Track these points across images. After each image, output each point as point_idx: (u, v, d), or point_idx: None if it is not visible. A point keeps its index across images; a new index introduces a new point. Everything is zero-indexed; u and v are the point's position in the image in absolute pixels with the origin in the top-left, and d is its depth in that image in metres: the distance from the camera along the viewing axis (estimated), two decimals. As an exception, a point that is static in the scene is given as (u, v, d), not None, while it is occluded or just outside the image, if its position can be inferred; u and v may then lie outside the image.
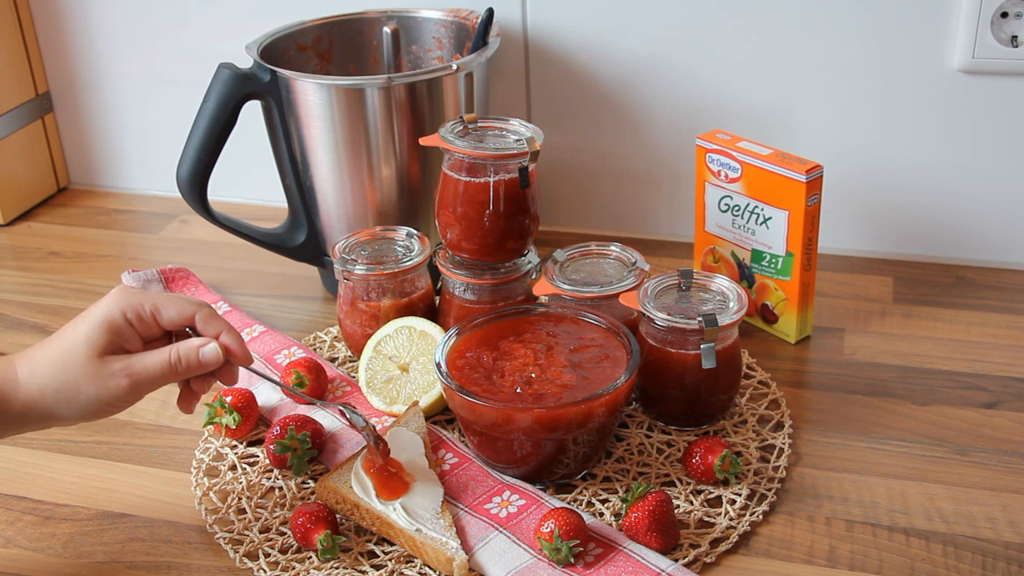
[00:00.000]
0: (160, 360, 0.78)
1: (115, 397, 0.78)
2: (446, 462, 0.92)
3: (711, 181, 1.09)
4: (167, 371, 0.78)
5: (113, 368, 0.77)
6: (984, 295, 1.16)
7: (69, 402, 0.77)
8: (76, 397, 0.77)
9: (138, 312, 0.79)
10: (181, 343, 0.80)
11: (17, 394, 0.77)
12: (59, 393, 0.77)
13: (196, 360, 0.79)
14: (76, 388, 0.77)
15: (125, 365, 0.78)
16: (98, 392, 0.77)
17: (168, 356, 0.78)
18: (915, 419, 0.97)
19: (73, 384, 0.77)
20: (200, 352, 0.79)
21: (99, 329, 0.77)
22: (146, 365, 0.78)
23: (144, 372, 0.78)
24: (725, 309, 0.94)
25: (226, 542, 0.86)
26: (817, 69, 1.18)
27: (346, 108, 1.07)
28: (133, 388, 0.78)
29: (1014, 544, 0.83)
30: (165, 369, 0.78)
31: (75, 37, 1.40)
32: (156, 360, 0.78)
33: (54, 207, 1.46)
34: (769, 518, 0.87)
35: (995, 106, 1.15)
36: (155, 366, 0.78)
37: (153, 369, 0.78)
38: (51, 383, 0.77)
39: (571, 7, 1.22)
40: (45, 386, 0.77)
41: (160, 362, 0.78)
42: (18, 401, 0.77)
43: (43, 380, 0.77)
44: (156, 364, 0.78)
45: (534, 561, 0.81)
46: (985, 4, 1.10)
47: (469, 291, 1.03)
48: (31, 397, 0.77)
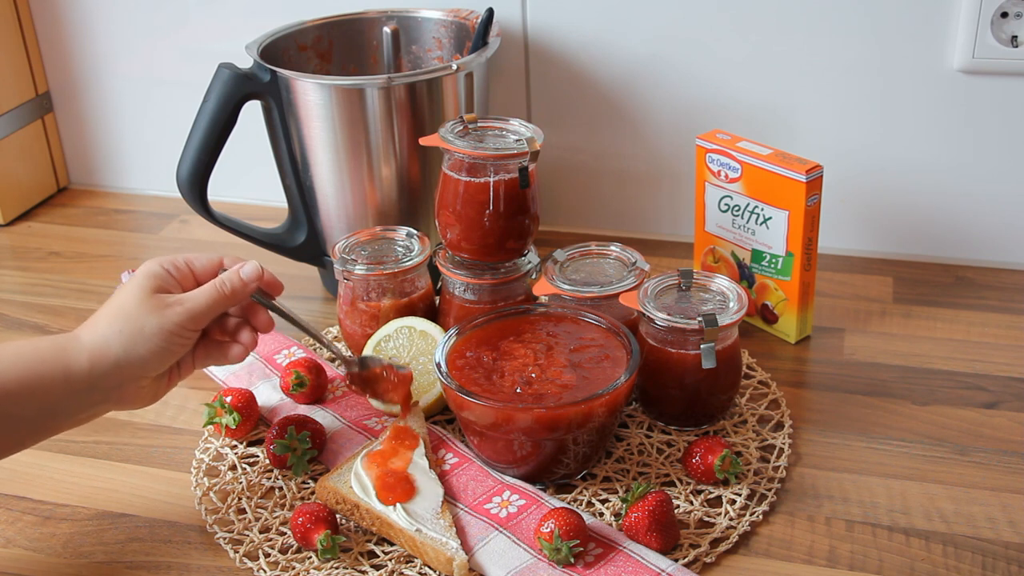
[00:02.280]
0: (208, 289, 0.84)
1: (176, 324, 0.82)
2: (446, 462, 0.92)
3: (711, 181, 1.09)
4: (216, 296, 0.84)
5: (168, 300, 0.83)
6: (984, 295, 1.16)
7: (134, 340, 0.81)
8: (141, 332, 0.81)
9: (174, 263, 0.86)
10: (224, 273, 0.86)
11: (81, 347, 0.80)
12: (123, 334, 0.81)
13: (239, 279, 0.86)
14: (139, 324, 0.81)
15: (177, 298, 0.83)
16: (160, 322, 0.81)
17: (214, 284, 0.85)
18: (915, 419, 0.97)
19: (135, 321, 0.81)
20: (241, 271, 0.86)
21: (145, 278, 0.84)
22: (196, 295, 0.84)
23: (196, 300, 0.83)
24: (725, 309, 0.94)
25: (226, 542, 0.86)
26: (817, 69, 1.18)
27: (346, 108, 1.07)
28: (190, 316, 0.83)
29: (1014, 544, 0.83)
30: (214, 294, 0.84)
31: (75, 37, 1.41)
32: (205, 290, 0.84)
33: (54, 207, 1.46)
34: (769, 518, 0.87)
35: (995, 106, 1.15)
36: (205, 293, 0.84)
37: (204, 297, 0.84)
38: (112, 326, 0.81)
39: (571, 7, 1.22)
40: (107, 330, 0.81)
41: (208, 290, 0.84)
42: (83, 354, 0.80)
43: (106, 327, 0.81)
44: (205, 292, 0.84)
45: (534, 561, 0.81)
46: (985, 4, 1.10)
47: (469, 291, 1.03)
48: (96, 346, 0.80)
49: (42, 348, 0.80)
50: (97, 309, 0.84)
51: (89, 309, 1.19)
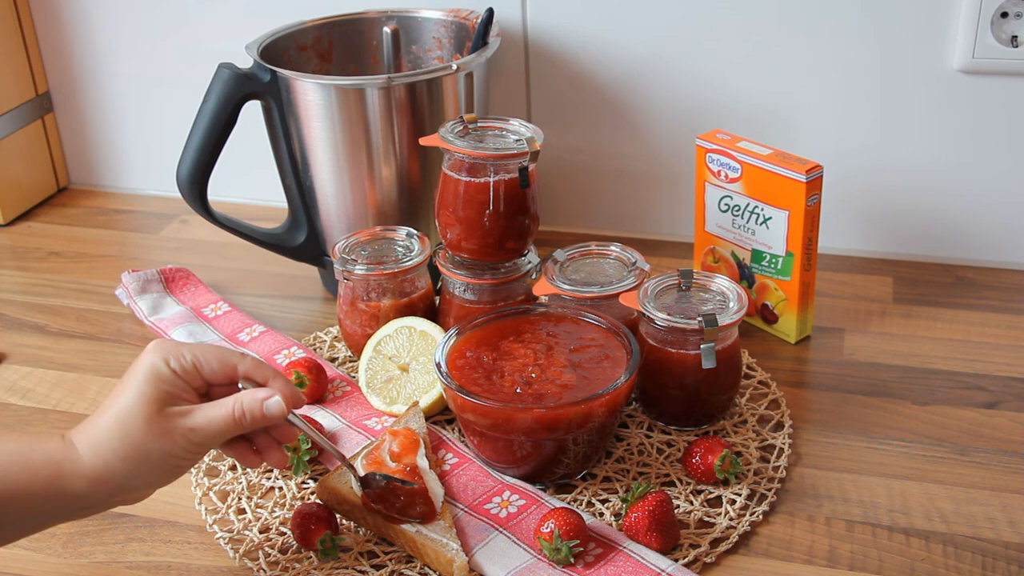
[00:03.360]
0: (224, 412, 0.75)
1: (185, 451, 0.74)
2: (446, 462, 0.92)
3: (711, 181, 1.09)
4: (231, 423, 0.75)
5: (177, 423, 0.74)
6: (984, 295, 1.16)
7: (140, 467, 0.73)
8: (147, 459, 0.73)
9: (180, 362, 0.75)
10: (244, 394, 0.76)
11: (82, 472, 0.72)
12: (127, 460, 0.73)
13: (260, 413, 0.76)
14: (144, 450, 0.73)
15: (188, 420, 0.74)
16: (168, 448, 0.73)
17: (232, 409, 0.75)
18: (915, 419, 0.97)
19: (139, 446, 0.73)
20: (265, 405, 0.76)
21: (149, 383, 0.74)
22: (209, 418, 0.75)
23: (209, 425, 0.74)
24: (725, 309, 0.94)
25: (226, 542, 0.86)
26: (817, 69, 1.18)
27: (346, 108, 1.07)
28: (200, 443, 0.75)
29: (1014, 544, 0.83)
30: (229, 422, 0.75)
31: (75, 37, 1.41)
32: (220, 412, 0.75)
33: (54, 207, 1.46)
34: (769, 518, 0.87)
35: (995, 106, 1.15)
36: (219, 419, 0.75)
37: (217, 422, 0.75)
38: (117, 452, 0.72)
39: (571, 7, 1.22)
40: (112, 457, 0.72)
41: (224, 415, 0.75)
42: (84, 480, 0.72)
43: (108, 451, 0.72)
44: (220, 416, 0.75)
45: (534, 561, 0.81)
46: (985, 4, 1.10)
47: (469, 291, 1.03)
48: (98, 472, 0.72)
49: (34, 462, 0.71)
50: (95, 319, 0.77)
51: (89, 309, 1.20)
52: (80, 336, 1.15)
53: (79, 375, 1.08)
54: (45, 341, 1.14)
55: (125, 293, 1.18)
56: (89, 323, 1.17)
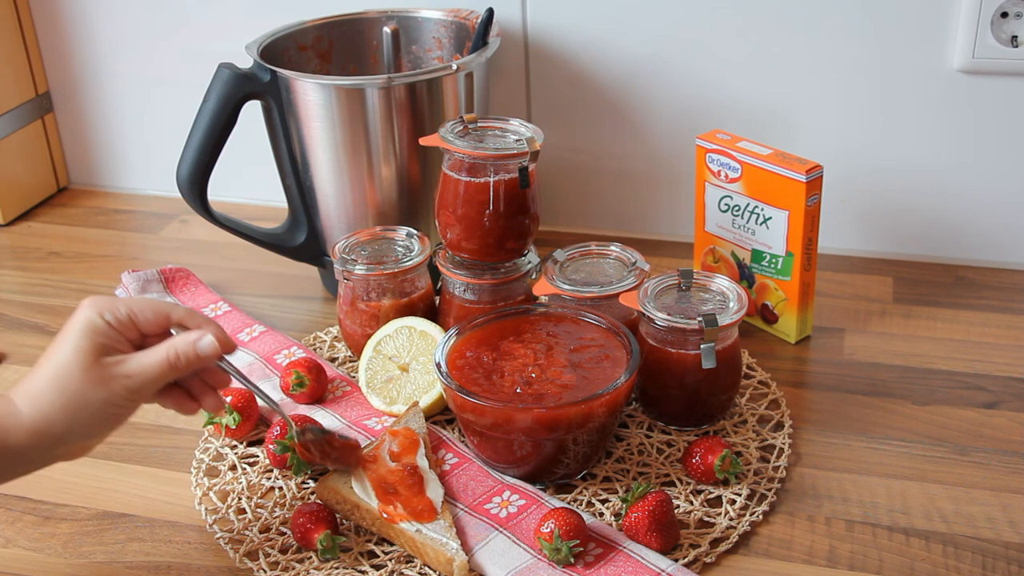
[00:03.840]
0: (158, 358, 0.77)
1: (122, 398, 0.76)
2: (446, 462, 0.92)
3: (711, 181, 1.09)
4: (166, 368, 0.77)
5: (113, 371, 0.75)
6: (984, 295, 1.16)
7: (78, 416, 0.75)
8: (85, 408, 0.75)
9: (115, 314, 0.77)
10: (177, 338, 0.78)
11: (21, 424, 0.74)
12: (66, 410, 0.74)
13: (194, 354, 0.78)
14: (82, 399, 0.74)
15: (124, 367, 0.76)
16: (106, 396, 0.75)
17: (165, 353, 0.77)
18: (915, 419, 0.97)
19: (78, 396, 0.74)
20: (197, 346, 0.78)
21: (84, 335, 0.76)
22: (144, 363, 0.77)
23: (144, 370, 0.76)
24: (725, 309, 0.94)
25: (226, 542, 0.86)
26: (817, 69, 1.18)
27: (346, 108, 1.07)
28: (137, 388, 0.76)
29: (1014, 544, 0.83)
30: (164, 366, 0.77)
31: (75, 37, 1.41)
32: (154, 358, 0.77)
33: (54, 207, 1.46)
34: (769, 518, 0.87)
35: (995, 106, 1.15)
36: (154, 363, 0.77)
37: (153, 367, 0.76)
38: (55, 403, 0.74)
39: (571, 7, 1.22)
40: (50, 408, 0.74)
41: (159, 360, 0.77)
42: (23, 431, 0.74)
43: (46, 403, 0.74)
44: (155, 361, 0.77)
45: (534, 561, 0.81)
46: (985, 4, 1.10)
47: (469, 291, 1.03)
48: (36, 424, 0.74)
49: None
50: None
51: (89, 309, 1.19)
52: (80, 336, 1.15)
53: (79, 375, 1.08)
54: (45, 341, 1.14)
55: (125, 293, 1.18)
56: (89, 323, 1.17)
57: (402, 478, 0.85)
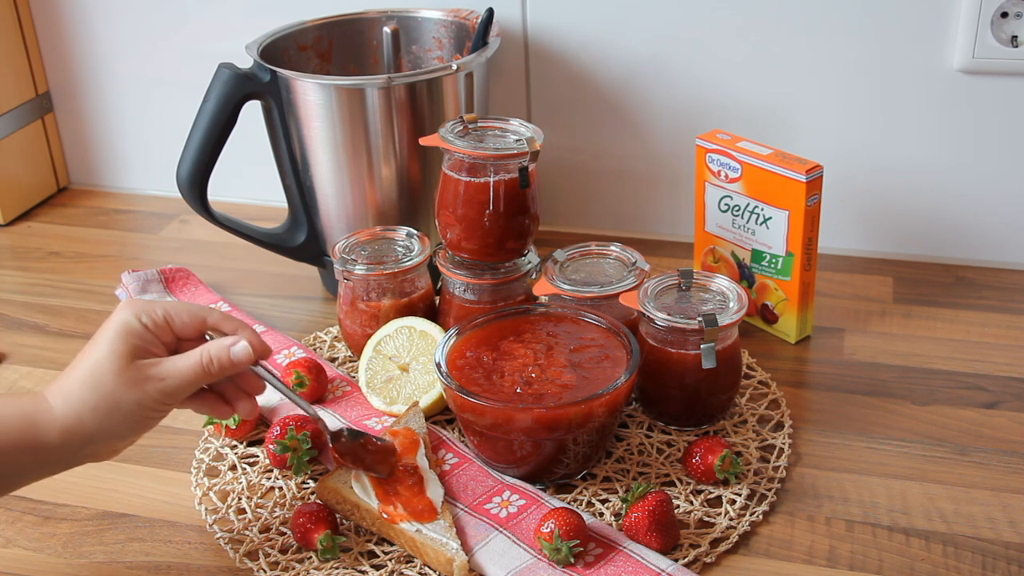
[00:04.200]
0: (192, 362, 0.77)
1: (155, 401, 0.76)
2: (446, 462, 0.92)
3: (711, 181, 1.09)
4: (200, 372, 0.77)
5: (147, 373, 0.76)
6: (984, 295, 1.16)
7: (110, 417, 0.75)
8: (117, 409, 0.75)
9: (152, 317, 0.78)
10: (211, 343, 0.79)
11: (54, 423, 0.74)
12: (97, 410, 0.75)
13: (227, 359, 0.78)
14: (115, 400, 0.75)
15: (158, 370, 0.76)
16: (138, 398, 0.75)
17: (199, 357, 0.77)
18: (915, 419, 0.97)
19: (110, 397, 0.75)
20: (231, 351, 0.78)
21: (119, 337, 0.76)
22: (178, 367, 0.77)
23: (178, 374, 0.77)
24: (725, 309, 0.94)
25: (226, 542, 0.86)
26: (817, 69, 1.18)
27: (346, 108, 1.07)
28: (170, 392, 0.76)
29: (1014, 544, 0.83)
30: (197, 370, 0.77)
31: (75, 37, 1.41)
32: (188, 362, 0.77)
33: (54, 207, 1.46)
34: (769, 518, 0.87)
35: (995, 106, 1.15)
36: (188, 367, 0.77)
37: (186, 371, 0.77)
38: (87, 402, 0.74)
39: (571, 7, 1.22)
40: (82, 408, 0.74)
41: (192, 364, 0.77)
42: (55, 430, 0.74)
43: (79, 402, 0.75)
44: (188, 366, 0.77)
45: (534, 561, 0.81)
46: (985, 4, 1.10)
47: (469, 291, 1.03)
48: (69, 423, 0.74)
49: (8, 416, 0.74)
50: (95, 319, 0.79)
51: (89, 309, 1.20)
52: (80, 336, 1.15)
53: (79, 375, 1.08)
54: (45, 341, 1.14)
55: (125, 293, 1.18)
56: (89, 323, 1.17)
57: (402, 478, 0.85)
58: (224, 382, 0.83)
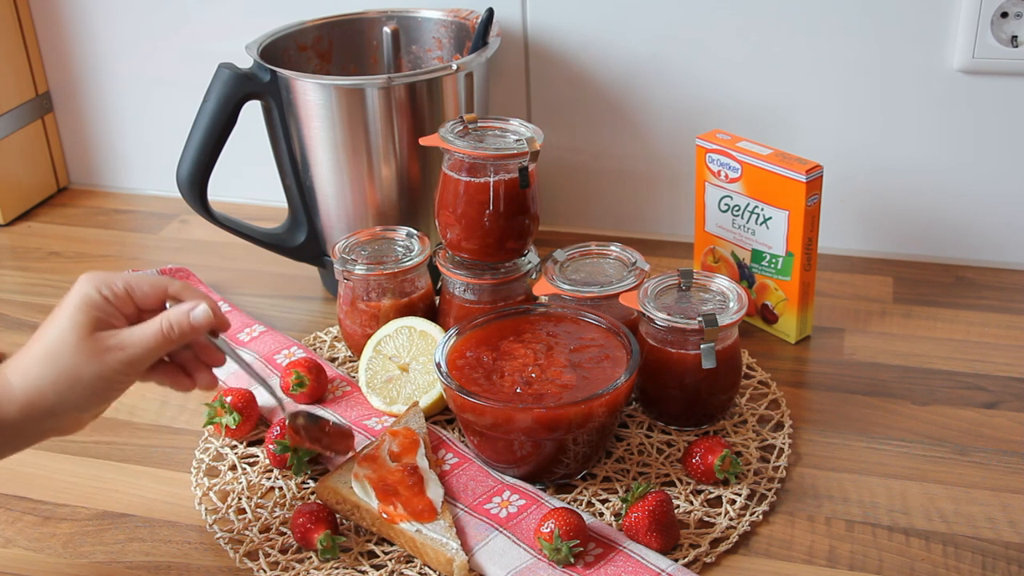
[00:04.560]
0: (152, 330, 0.76)
1: (116, 372, 0.75)
2: (446, 462, 0.92)
3: (711, 181, 1.09)
4: (160, 339, 0.76)
5: (107, 343, 0.75)
6: (984, 295, 1.16)
7: (72, 390, 0.74)
8: (78, 382, 0.74)
9: (112, 288, 0.77)
10: (171, 310, 0.78)
11: (12, 398, 0.74)
12: (58, 383, 0.74)
13: (187, 324, 0.77)
14: (75, 373, 0.74)
15: (118, 340, 0.75)
16: (99, 370, 0.74)
17: (159, 324, 0.77)
18: (915, 419, 0.97)
19: (71, 369, 0.74)
20: (191, 315, 0.78)
21: (79, 309, 0.75)
22: (138, 336, 0.76)
23: (138, 343, 0.76)
24: (725, 309, 0.94)
25: (226, 542, 0.86)
26: (817, 69, 1.18)
27: (346, 108, 1.07)
28: (130, 361, 0.76)
29: (1014, 544, 0.83)
30: (158, 337, 0.76)
31: (75, 37, 1.40)
32: (148, 330, 0.76)
33: (54, 207, 1.46)
34: (769, 518, 0.87)
35: (995, 106, 1.15)
36: (148, 336, 0.76)
37: (146, 339, 0.76)
38: (47, 375, 0.74)
39: (571, 7, 1.22)
40: (41, 381, 0.74)
41: (152, 332, 0.76)
42: (14, 405, 0.74)
43: (38, 376, 0.74)
44: (149, 333, 0.76)
45: (534, 561, 0.81)
46: (985, 4, 1.10)
47: (469, 291, 1.03)
48: (28, 397, 0.74)
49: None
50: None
51: (89, 309, 1.19)
52: (80, 336, 1.15)
53: (79, 375, 1.08)
54: (45, 341, 1.14)
55: (125, 293, 1.18)
56: (89, 323, 1.17)
57: (402, 478, 0.85)
58: (184, 352, 0.82)
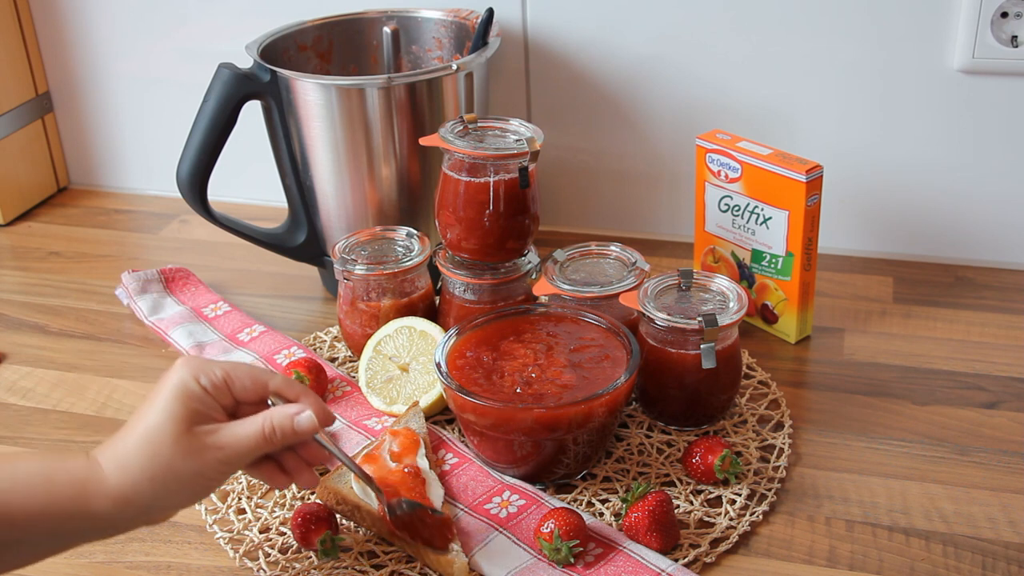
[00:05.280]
0: (253, 430, 0.73)
1: (214, 470, 0.72)
2: (446, 462, 0.92)
3: (711, 181, 1.09)
4: (261, 441, 0.73)
5: (206, 441, 0.72)
6: (984, 295, 1.16)
7: (167, 487, 0.71)
8: (174, 479, 0.71)
9: (211, 379, 0.73)
10: (274, 410, 0.75)
11: (107, 493, 0.70)
12: (154, 480, 0.70)
13: (291, 429, 0.74)
14: (172, 470, 0.71)
15: (217, 439, 0.72)
16: (197, 468, 0.71)
17: (261, 425, 0.74)
18: (915, 419, 0.97)
19: (167, 466, 0.70)
20: (295, 421, 0.75)
21: (178, 400, 0.72)
22: (238, 436, 0.73)
23: (237, 443, 0.73)
24: (725, 309, 0.94)
25: (226, 542, 0.86)
26: (817, 69, 1.18)
27: (346, 108, 1.07)
28: (229, 461, 0.73)
29: (1014, 544, 0.83)
30: (259, 439, 0.73)
31: (75, 37, 1.40)
32: (250, 430, 0.73)
33: (54, 207, 1.46)
34: (769, 518, 0.87)
35: (995, 106, 1.15)
36: (250, 437, 0.73)
37: (248, 440, 0.73)
38: (145, 471, 0.70)
39: (571, 7, 1.22)
40: (138, 477, 0.70)
41: (254, 433, 0.73)
42: (107, 499, 0.70)
43: (135, 470, 0.70)
44: (251, 434, 0.73)
45: (534, 561, 0.81)
46: (985, 4, 1.10)
47: (469, 291, 1.03)
48: (124, 493, 0.70)
49: (58, 482, 0.69)
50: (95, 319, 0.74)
51: (89, 309, 1.19)
52: (80, 336, 1.15)
53: (79, 375, 1.08)
54: (45, 341, 1.14)
55: (125, 293, 1.18)
56: (89, 323, 1.17)
57: (402, 478, 0.85)
58: (284, 450, 0.79)
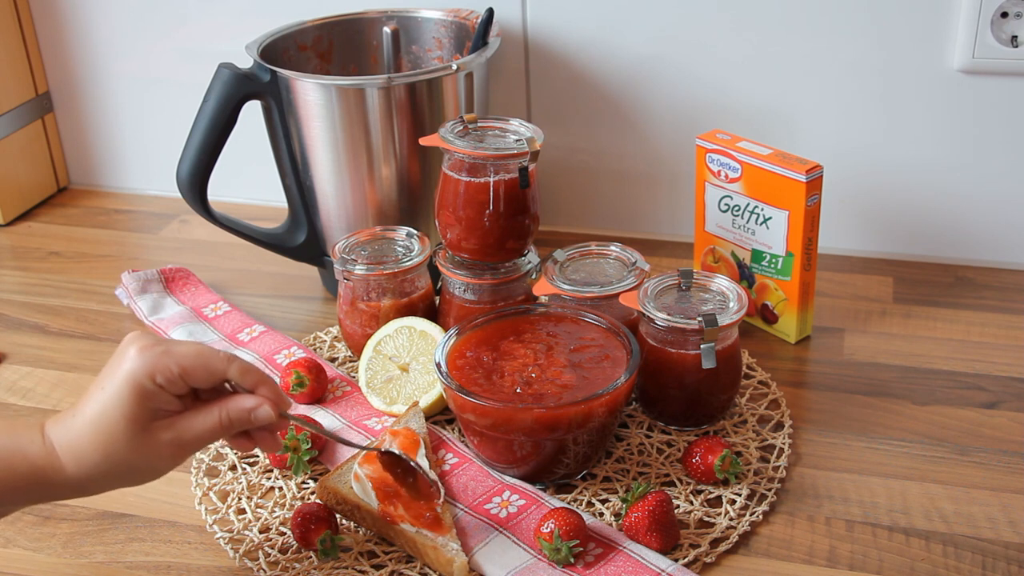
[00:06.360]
0: (210, 424, 0.75)
1: (171, 458, 0.75)
2: (446, 462, 0.92)
3: (711, 181, 1.09)
4: (218, 432, 0.76)
5: (161, 439, 0.74)
6: (984, 295, 1.16)
7: (123, 478, 0.76)
8: (130, 471, 0.75)
9: (167, 376, 0.74)
10: (230, 403, 0.76)
11: (67, 482, 0.74)
12: (110, 475, 0.74)
13: (247, 420, 0.76)
14: (128, 466, 0.74)
15: (174, 433, 0.75)
16: (154, 462, 0.75)
17: (218, 419, 0.75)
18: (915, 419, 0.97)
19: (123, 463, 0.74)
20: (253, 416, 0.76)
21: (132, 400, 0.73)
22: (195, 432, 0.75)
23: (194, 437, 0.75)
24: (725, 309, 0.94)
25: (226, 542, 0.86)
26: (817, 69, 1.18)
27: (346, 108, 1.07)
28: (186, 450, 0.76)
29: (1014, 544, 0.83)
30: (216, 430, 0.75)
31: (75, 37, 1.41)
32: (205, 425, 0.75)
33: (54, 207, 1.46)
34: (769, 518, 0.87)
35: (995, 106, 1.15)
36: (206, 428, 0.75)
37: (204, 431, 0.75)
38: (99, 466, 0.74)
39: (571, 7, 1.22)
40: (94, 471, 0.74)
41: (210, 427, 0.75)
42: (68, 487, 0.75)
43: (90, 464, 0.74)
44: (207, 427, 0.75)
45: (534, 561, 0.81)
46: (985, 4, 1.10)
47: (469, 291, 1.03)
48: (80, 481, 0.74)
49: (17, 469, 0.73)
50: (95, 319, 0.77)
51: (89, 309, 1.20)
52: (80, 336, 1.15)
53: (79, 375, 1.08)
54: (45, 341, 1.14)
55: (125, 293, 1.18)
56: (89, 323, 1.17)
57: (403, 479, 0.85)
58: None
